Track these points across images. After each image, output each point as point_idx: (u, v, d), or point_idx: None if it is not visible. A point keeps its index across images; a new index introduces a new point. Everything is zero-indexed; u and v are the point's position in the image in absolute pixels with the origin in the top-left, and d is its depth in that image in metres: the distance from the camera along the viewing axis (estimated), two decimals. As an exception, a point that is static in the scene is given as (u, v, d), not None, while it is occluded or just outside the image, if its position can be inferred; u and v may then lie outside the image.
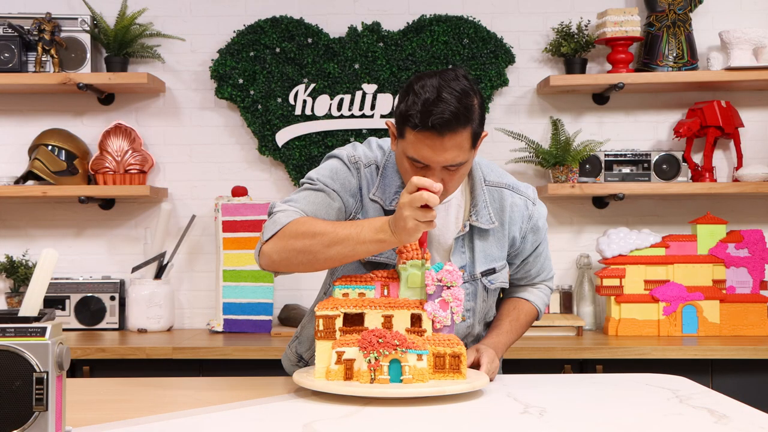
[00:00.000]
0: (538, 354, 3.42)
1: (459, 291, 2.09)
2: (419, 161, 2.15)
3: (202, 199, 4.04)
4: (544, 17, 4.05)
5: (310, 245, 2.13)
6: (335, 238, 2.12)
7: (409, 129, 2.13)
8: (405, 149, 2.17)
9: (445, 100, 2.09)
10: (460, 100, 2.11)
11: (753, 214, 4.03)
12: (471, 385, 2.05)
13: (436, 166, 2.15)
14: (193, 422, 1.86)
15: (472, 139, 2.16)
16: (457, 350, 2.05)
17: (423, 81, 2.14)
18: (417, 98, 2.11)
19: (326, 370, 2.07)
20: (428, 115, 2.09)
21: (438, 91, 2.10)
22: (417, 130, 2.11)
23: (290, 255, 2.16)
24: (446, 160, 2.14)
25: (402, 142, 2.18)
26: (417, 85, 2.14)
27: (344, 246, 2.12)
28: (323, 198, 2.25)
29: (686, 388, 2.19)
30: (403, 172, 2.23)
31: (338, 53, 3.97)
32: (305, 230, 2.15)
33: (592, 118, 4.05)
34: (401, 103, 2.16)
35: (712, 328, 3.68)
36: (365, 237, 2.10)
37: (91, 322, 3.91)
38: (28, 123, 4.06)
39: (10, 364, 1.54)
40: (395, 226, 2.05)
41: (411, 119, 2.11)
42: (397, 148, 2.23)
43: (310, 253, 2.14)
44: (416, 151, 2.14)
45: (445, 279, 2.09)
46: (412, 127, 2.12)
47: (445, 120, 2.09)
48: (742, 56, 3.77)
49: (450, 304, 2.11)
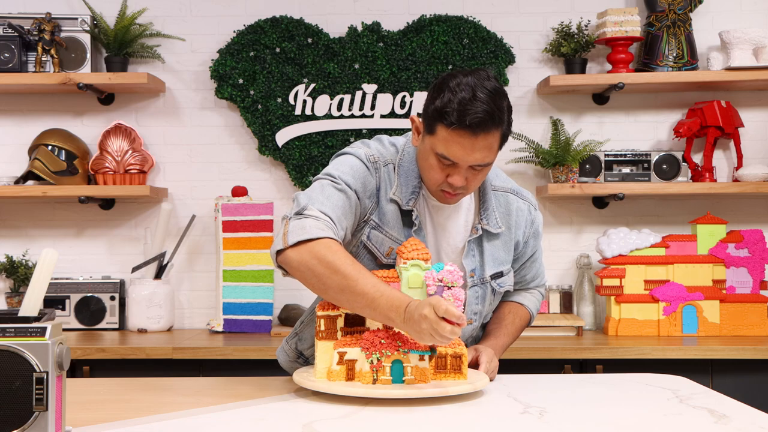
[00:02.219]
0: (538, 354, 3.42)
1: (460, 291, 2.08)
2: (449, 158, 2.16)
3: (202, 199, 4.04)
4: (544, 17, 4.05)
5: (328, 278, 2.06)
6: (353, 288, 2.04)
7: (443, 126, 2.13)
8: (434, 145, 2.17)
9: (480, 99, 2.10)
10: (494, 100, 2.12)
11: (753, 214, 4.03)
12: (472, 386, 2.05)
13: (464, 164, 2.16)
14: (193, 422, 1.86)
15: (501, 140, 2.19)
16: (458, 351, 2.06)
17: (458, 79, 2.14)
18: (453, 96, 2.11)
19: (328, 371, 2.07)
20: (465, 114, 2.09)
21: (473, 91, 2.11)
22: (452, 128, 2.11)
23: (306, 274, 2.09)
24: (476, 159, 2.16)
25: (431, 138, 2.18)
26: (452, 83, 2.14)
27: (356, 300, 2.05)
28: (345, 201, 2.20)
29: (686, 388, 2.19)
30: (428, 168, 2.21)
31: (338, 53, 3.97)
32: (331, 260, 2.06)
33: (592, 118, 4.05)
34: (435, 100, 2.15)
35: (712, 328, 3.68)
36: (378, 305, 2.02)
37: (91, 322, 3.91)
38: (28, 123, 4.06)
39: (10, 364, 1.54)
40: (409, 325, 1.97)
41: (447, 117, 2.11)
42: (423, 144, 2.22)
43: (323, 285, 2.07)
44: (447, 148, 2.14)
45: (446, 279, 2.08)
46: (447, 125, 2.12)
47: (481, 120, 2.10)
48: (742, 56, 3.77)
49: None
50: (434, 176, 2.20)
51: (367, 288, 2.03)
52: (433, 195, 2.27)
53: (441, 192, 2.23)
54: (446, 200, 2.26)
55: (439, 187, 2.22)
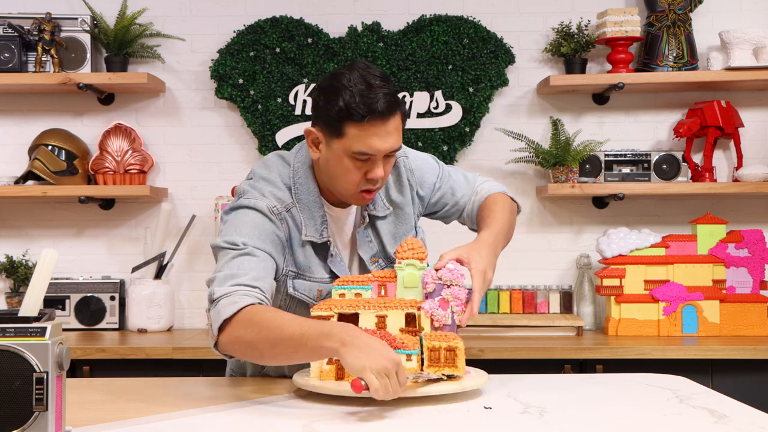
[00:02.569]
0: (538, 354, 3.42)
1: (460, 290, 2.07)
2: (366, 153, 2.12)
3: (202, 199, 4.04)
4: (544, 17, 4.05)
5: (258, 341, 1.96)
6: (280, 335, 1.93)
7: (353, 123, 2.10)
8: (348, 146, 2.13)
9: (377, 86, 2.10)
10: (387, 84, 2.13)
11: (753, 214, 4.03)
12: (474, 383, 2.05)
13: (379, 155, 2.14)
14: (193, 422, 1.86)
15: (403, 121, 2.18)
16: (452, 344, 2.01)
17: (345, 77, 2.12)
18: (351, 93, 2.09)
19: (319, 370, 2.07)
20: (372, 104, 2.08)
21: (366, 81, 2.10)
22: (365, 120, 2.09)
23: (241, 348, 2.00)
24: (390, 145, 2.14)
25: (341, 141, 2.13)
26: (342, 81, 2.11)
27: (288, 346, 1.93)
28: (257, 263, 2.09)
29: (686, 388, 2.19)
30: (343, 172, 2.16)
31: (338, 53, 3.97)
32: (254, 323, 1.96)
33: (592, 118, 4.05)
34: (332, 103, 2.11)
35: (712, 328, 3.68)
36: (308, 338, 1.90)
37: (91, 322, 3.91)
38: (28, 123, 4.06)
39: (10, 364, 1.54)
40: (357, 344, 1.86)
41: (355, 112, 2.09)
42: (331, 151, 2.16)
43: (258, 350, 1.98)
44: (363, 143, 2.11)
45: (445, 277, 2.07)
46: (358, 120, 2.09)
47: (387, 103, 2.10)
48: (742, 56, 3.77)
49: (450, 303, 2.09)
50: (352, 178, 2.16)
51: (293, 328, 1.93)
52: (350, 199, 2.22)
53: (359, 194, 2.19)
54: (364, 201, 2.22)
55: (359, 188, 2.18)
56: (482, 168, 4.01)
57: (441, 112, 3.97)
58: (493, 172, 4.02)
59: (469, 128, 3.98)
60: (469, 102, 3.95)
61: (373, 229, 2.32)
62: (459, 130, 3.96)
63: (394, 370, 1.84)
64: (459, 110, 3.96)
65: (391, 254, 2.33)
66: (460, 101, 3.95)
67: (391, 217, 2.35)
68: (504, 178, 4.02)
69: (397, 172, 2.36)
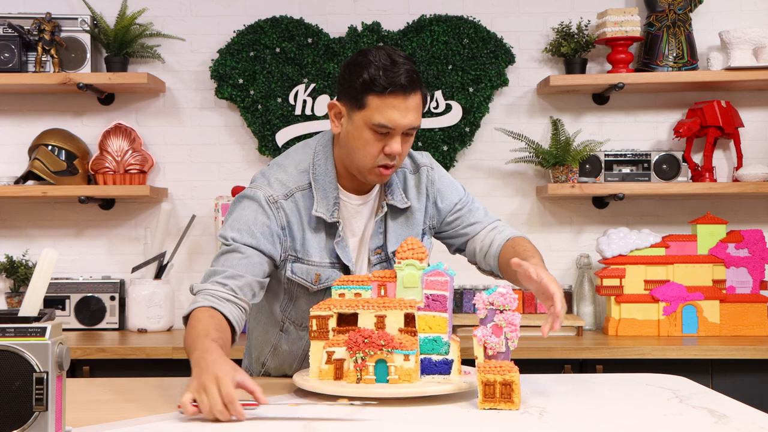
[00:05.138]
0: (538, 354, 3.42)
1: (514, 316, 1.98)
2: (386, 125, 2.20)
3: (202, 199, 4.04)
4: (544, 17, 4.05)
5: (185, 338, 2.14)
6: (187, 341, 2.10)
7: (374, 96, 2.19)
8: (368, 118, 2.21)
9: (400, 63, 2.20)
10: (411, 62, 2.23)
11: (753, 214, 4.03)
12: (469, 385, 2.04)
13: (399, 130, 2.22)
14: (193, 422, 1.86)
15: (423, 101, 2.27)
16: (508, 377, 1.93)
17: (370, 54, 2.22)
18: (375, 67, 2.19)
19: (318, 370, 2.07)
20: (394, 77, 2.18)
21: (390, 58, 2.20)
22: (386, 92, 2.18)
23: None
24: (410, 122, 2.22)
25: (362, 113, 2.21)
26: (368, 57, 2.22)
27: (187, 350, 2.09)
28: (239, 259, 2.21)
29: (686, 388, 2.19)
30: (363, 144, 2.24)
31: (338, 53, 3.97)
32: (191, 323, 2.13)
33: (592, 118, 4.05)
34: (356, 76, 2.21)
35: (712, 328, 3.68)
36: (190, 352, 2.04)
37: (91, 322, 3.91)
38: (28, 123, 4.06)
39: (10, 364, 1.54)
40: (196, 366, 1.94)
41: (377, 84, 2.18)
42: (352, 123, 2.24)
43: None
44: (383, 114, 2.19)
45: (497, 302, 1.99)
46: (379, 92, 2.18)
47: (409, 79, 2.19)
48: (742, 56, 3.77)
49: (504, 329, 1.99)
50: (371, 151, 2.23)
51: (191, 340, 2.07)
52: (367, 175, 2.28)
53: (377, 169, 2.25)
54: (381, 176, 2.28)
55: (376, 162, 2.24)
56: (482, 168, 4.02)
57: (441, 112, 3.97)
58: (493, 172, 4.02)
59: (469, 128, 3.98)
60: (469, 102, 3.95)
61: (384, 223, 2.37)
62: (459, 130, 3.96)
63: (213, 385, 1.84)
64: (459, 110, 3.96)
65: (389, 252, 2.36)
66: (460, 101, 3.95)
67: (402, 218, 2.39)
68: (504, 178, 4.02)
69: (417, 179, 2.42)
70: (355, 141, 2.25)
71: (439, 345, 2.11)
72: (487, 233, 2.45)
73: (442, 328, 2.12)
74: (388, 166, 2.25)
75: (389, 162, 2.24)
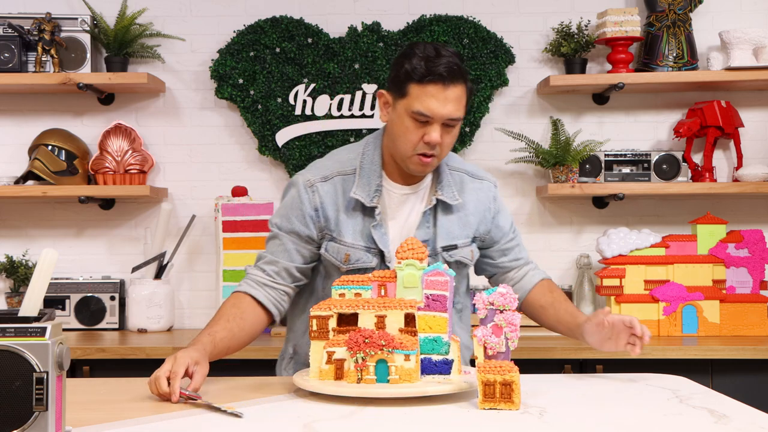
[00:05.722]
0: (538, 354, 3.42)
1: (514, 316, 1.99)
2: (424, 114, 2.27)
3: (202, 199, 4.04)
4: (544, 17, 4.05)
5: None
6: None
7: (414, 84, 2.28)
8: (408, 106, 2.29)
9: (444, 55, 2.28)
10: (457, 57, 2.31)
11: (753, 214, 4.03)
12: (469, 385, 2.05)
13: (438, 120, 2.29)
14: (193, 422, 1.86)
15: (467, 96, 2.34)
16: (508, 377, 1.93)
17: (418, 46, 2.32)
18: (418, 57, 2.28)
19: (318, 370, 2.07)
20: (434, 66, 2.26)
21: (436, 50, 2.29)
22: (423, 81, 2.26)
23: None
24: (449, 112, 2.29)
25: (403, 101, 2.30)
26: (415, 49, 2.31)
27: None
28: (278, 245, 2.44)
29: (686, 388, 2.20)
30: (403, 131, 2.32)
31: (338, 53, 3.97)
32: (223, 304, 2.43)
33: (592, 118, 4.05)
34: (402, 65, 2.31)
35: (712, 328, 3.68)
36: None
37: (91, 322, 3.91)
38: (28, 123, 4.06)
39: (10, 364, 1.54)
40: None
41: (416, 72, 2.27)
42: (396, 111, 2.34)
43: None
44: (422, 103, 2.27)
45: (497, 302, 2.00)
46: (418, 80, 2.27)
47: (448, 70, 2.26)
48: (742, 56, 3.77)
49: (504, 329, 1.99)
50: (410, 138, 2.31)
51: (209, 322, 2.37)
52: (408, 163, 2.36)
53: (417, 157, 2.33)
54: (422, 166, 2.35)
55: (415, 150, 2.32)
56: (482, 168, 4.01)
57: (441, 112, 3.96)
58: (493, 172, 4.01)
59: (469, 128, 3.98)
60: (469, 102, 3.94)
61: (434, 217, 2.43)
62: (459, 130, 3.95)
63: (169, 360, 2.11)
64: (459, 110, 3.95)
65: (438, 246, 2.43)
66: (460, 101, 3.95)
67: (455, 216, 2.45)
68: (504, 178, 4.02)
69: (479, 187, 2.50)
70: (397, 128, 2.34)
71: (439, 345, 2.11)
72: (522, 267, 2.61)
73: (442, 328, 2.12)
74: (427, 154, 2.33)
75: (428, 151, 2.32)
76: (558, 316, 2.51)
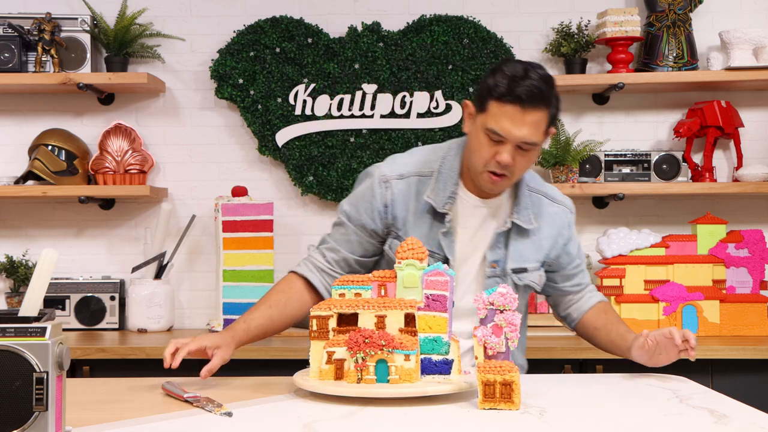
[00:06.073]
0: (538, 354, 3.41)
1: (513, 315, 2.00)
2: (498, 133, 2.24)
3: (202, 199, 4.04)
4: (544, 17, 4.05)
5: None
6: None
7: (493, 101, 2.24)
8: (485, 122, 2.26)
9: (531, 78, 2.23)
10: (545, 81, 2.25)
11: (753, 214, 4.03)
12: (469, 385, 2.05)
13: (511, 141, 2.25)
14: (193, 422, 1.86)
15: (548, 122, 2.28)
16: (508, 377, 1.93)
17: (510, 63, 2.29)
18: (504, 74, 2.24)
19: (319, 370, 2.07)
20: (515, 87, 2.22)
21: (525, 71, 2.24)
22: (502, 100, 2.22)
23: None
24: (523, 135, 2.24)
25: (482, 116, 2.28)
26: (506, 66, 2.27)
27: None
28: (342, 234, 2.48)
29: (686, 388, 2.20)
30: (477, 147, 2.30)
31: (338, 53, 3.97)
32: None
33: (592, 118, 4.05)
34: (486, 81, 2.28)
35: (712, 328, 3.68)
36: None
37: (91, 322, 3.91)
38: (28, 123, 4.06)
39: (10, 364, 1.54)
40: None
41: (497, 89, 2.23)
42: (475, 125, 2.31)
43: None
44: (496, 122, 2.24)
45: (497, 302, 2.00)
46: (497, 98, 2.23)
47: (529, 93, 2.21)
48: (742, 56, 3.77)
49: (504, 330, 2.00)
50: (482, 154, 2.28)
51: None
52: (478, 178, 2.33)
53: (487, 174, 2.30)
54: (491, 184, 2.32)
55: (486, 167, 2.29)
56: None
57: (441, 112, 3.97)
58: (493, 172, 4.02)
59: (469, 128, 3.97)
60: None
61: (506, 238, 2.41)
62: (459, 130, 3.96)
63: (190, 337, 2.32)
64: (459, 110, 3.96)
65: (508, 268, 2.42)
66: (460, 101, 3.95)
67: (529, 240, 2.43)
68: (504, 178, 4.02)
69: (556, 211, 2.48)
70: (473, 142, 2.32)
71: (439, 345, 2.11)
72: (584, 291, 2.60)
73: (442, 328, 2.12)
74: (497, 173, 2.30)
75: (498, 170, 2.29)
76: (610, 337, 2.50)
